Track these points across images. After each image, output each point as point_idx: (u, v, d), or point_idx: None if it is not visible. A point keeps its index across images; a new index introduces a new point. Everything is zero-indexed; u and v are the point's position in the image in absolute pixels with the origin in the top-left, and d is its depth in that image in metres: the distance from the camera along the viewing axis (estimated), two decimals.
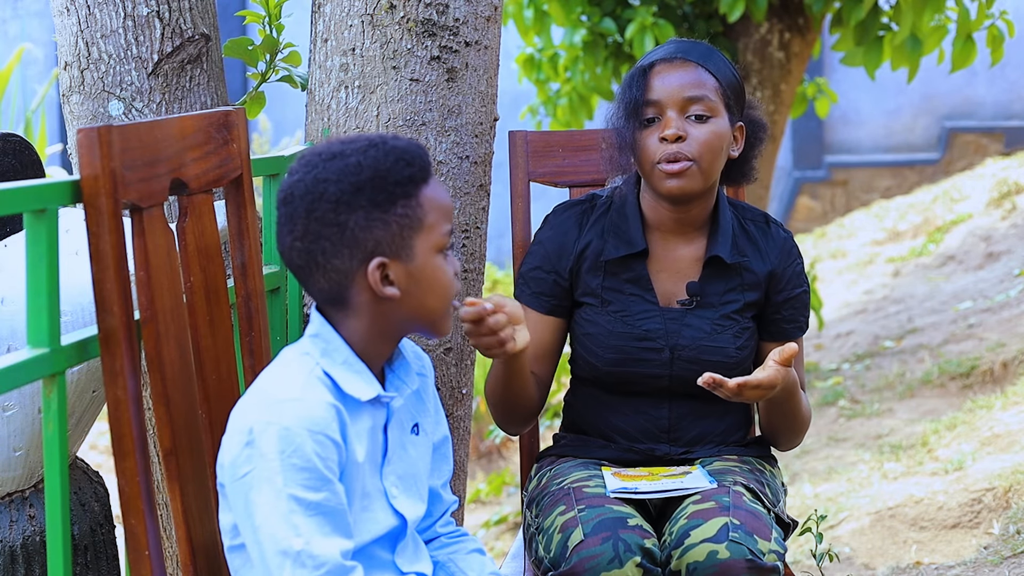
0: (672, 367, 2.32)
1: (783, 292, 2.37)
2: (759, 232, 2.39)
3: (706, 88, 2.27)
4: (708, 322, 2.33)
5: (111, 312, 1.71)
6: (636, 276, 2.35)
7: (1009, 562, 3.39)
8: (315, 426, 1.73)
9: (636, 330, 2.33)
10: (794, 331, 2.39)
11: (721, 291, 2.35)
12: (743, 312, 2.35)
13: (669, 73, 2.29)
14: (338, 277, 1.79)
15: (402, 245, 1.79)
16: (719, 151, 2.28)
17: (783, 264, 2.38)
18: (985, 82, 9.73)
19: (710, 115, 2.27)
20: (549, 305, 2.38)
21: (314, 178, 1.77)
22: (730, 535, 2.03)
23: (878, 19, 4.72)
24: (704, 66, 2.29)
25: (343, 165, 1.77)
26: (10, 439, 2.16)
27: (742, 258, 2.36)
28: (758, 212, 2.42)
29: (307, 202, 1.77)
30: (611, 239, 2.36)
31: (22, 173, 2.35)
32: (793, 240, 2.41)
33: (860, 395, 5.41)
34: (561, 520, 2.13)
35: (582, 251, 2.37)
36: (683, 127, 2.25)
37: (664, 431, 2.35)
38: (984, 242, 6.98)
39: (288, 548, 1.70)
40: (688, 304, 2.34)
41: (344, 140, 1.82)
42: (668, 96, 2.27)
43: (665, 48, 2.34)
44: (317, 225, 1.77)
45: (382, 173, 1.78)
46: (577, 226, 2.39)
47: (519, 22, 5.12)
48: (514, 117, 5.34)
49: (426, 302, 1.83)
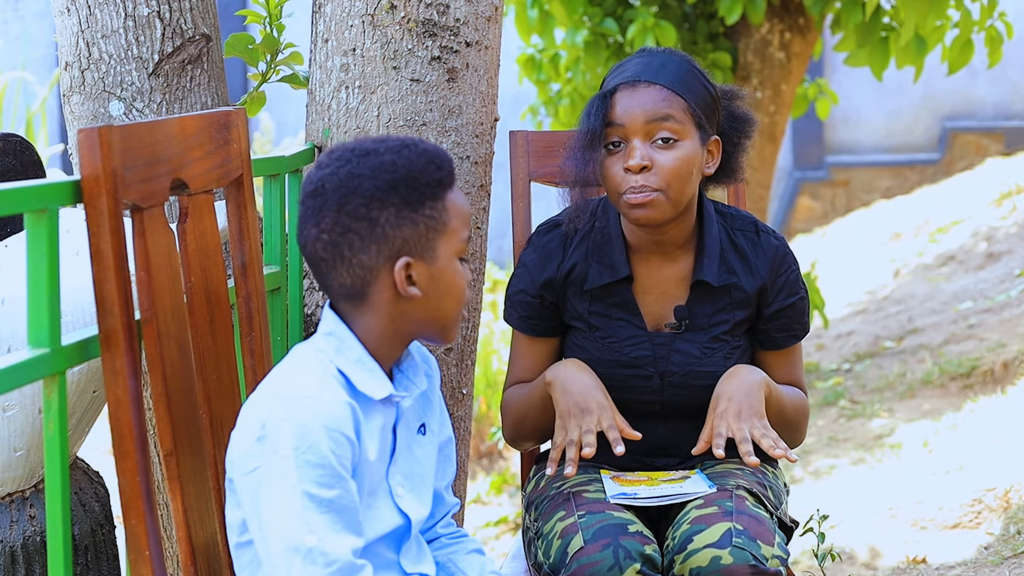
0: (663, 393, 2.29)
1: (774, 304, 2.32)
2: (749, 244, 2.32)
3: (672, 110, 2.18)
4: (697, 346, 2.29)
5: (111, 312, 1.71)
6: (622, 301, 2.31)
7: (1009, 562, 3.39)
8: (331, 423, 1.73)
9: (624, 357, 2.29)
10: (788, 340, 2.35)
11: (710, 312, 2.30)
12: (733, 332, 2.31)
13: (632, 98, 2.19)
14: (362, 272, 1.80)
15: (427, 246, 1.81)
16: (687, 176, 2.19)
17: (774, 276, 2.31)
18: (985, 82, 9.73)
19: (677, 138, 2.18)
20: (538, 328, 2.35)
21: (348, 172, 1.79)
22: (733, 540, 2.02)
23: (879, 20, 4.72)
24: (669, 87, 2.20)
25: (378, 162, 1.79)
26: (10, 439, 2.16)
27: (731, 277, 2.29)
28: (748, 221, 2.35)
29: (340, 195, 1.78)
30: (594, 264, 2.30)
31: (22, 173, 2.35)
32: (786, 247, 2.34)
33: (860, 395, 5.41)
34: (561, 526, 2.12)
35: (567, 274, 2.32)
36: (648, 155, 2.17)
37: (661, 448, 2.34)
38: (984, 242, 6.98)
39: (299, 544, 1.70)
40: (677, 328, 2.30)
41: (376, 139, 1.83)
42: (631, 122, 2.18)
43: (629, 68, 2.24)
44: (348, 219, 1.78)
45: (415, 173, 1.80)
46: (561, 248, 2.33)
47: (522, 22, 5.12)
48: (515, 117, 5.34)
49: (443, 305, 1.85)
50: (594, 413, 2.18)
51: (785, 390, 2.31)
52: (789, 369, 2.37)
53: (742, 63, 5.14)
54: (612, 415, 2.19)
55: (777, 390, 2.28)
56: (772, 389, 2.26)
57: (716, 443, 2.17)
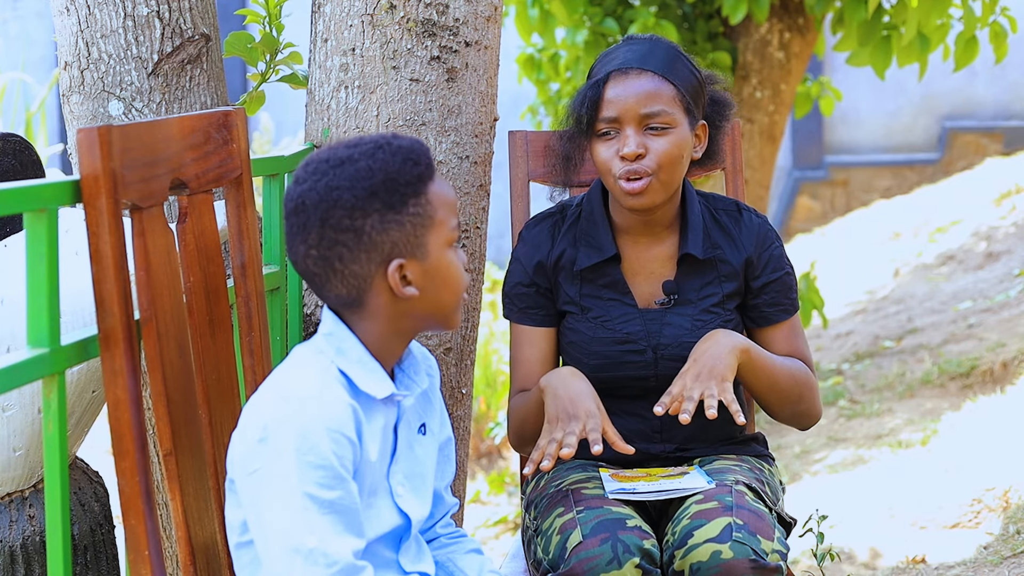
0: (657, 367, 2.32)
1: (761, 277, 2.36)
2: (731, 221, 2.37)
3: (662, 99, 2.23)
4: (688, 319, 2.33)
5: (111, 312, 1.71)
6: (612, 281, 2.35)
7: (1009, 562, 3.39)
8: (333, 424, 1.73)
9: (617, 334, 2.33)
10: (778, 314, 2.37)
11: (698, 286, 2.34)
12: (723, 304, 2.34)
13: (624, 86, 2.23)
14: (356, 282, 1.79)
15: (417, 244, 1.80)
16: (679, 160, 2.24)
17: (759, 249, 2.36)
18: (985, 82, 9.73)
19: (668, 125, 2.23)
20: (538, 317, 2.38)
21: (326, 185, 1.77)
22: (733, 535, 2.02)
23: (880, 19, 4.72)
24: (660, 74, 2.24)
25: (354, 171, 1.77)
26: (10, 439, 2.16)
27: (715, 251, 2.35)
28: (729, 201, 2.40)
29: (321, 210, 1.77)
30: (583, 247, 2.35)
31: (22, 173, 2.35)
32: (768, 225, 2.39)
33: (860, 395, 5.41)
34: (560, 522, 2.13)
35: (557, 260, 2.36)
36: (642, 142, 2.22)
37: (657, 431, 2.35)
38: (984, 242, 6.98)
39: (300, 546, 1.70)
40: (666, 303, 2.34)
41: (347, 144, 1.81)
42: (624, 111, 2.23)
43: (619, 56, 2.28)
44: (333, 232, 1.77)
45: (392, 174, 1.78)
46: (550, 238, 2.38)
47: (523, 21, 5.12)
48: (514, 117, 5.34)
49: (441, 297, 1.85)
50: (580, 420, 2.17)
51: (781, 359, 2.32)
52: (788, 343, 2.37)
53: (741, 63, 5.14)
54: (601, 423, 2.17)
55: (764, 356, 2.28)
56: (755, 355, 2.25)
57: (683, 408, 2.16)
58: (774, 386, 2.30)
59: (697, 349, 2.23)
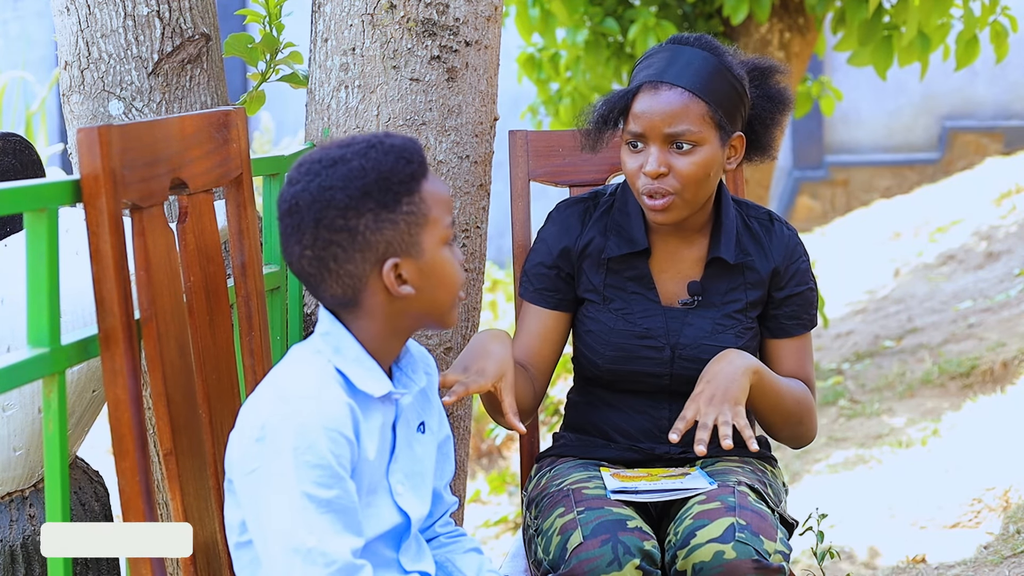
0: (673, 366, 2.32)
1: (785, 289, 2.36)
2: (763, 230, 2.38)
3: (689, 118, 2.20)
4: (710, 321, 2.32)
5: (111, 312, 1.71)
6: (639, 274, 2.35)
7: (1009, 562, 3.39)
8: (330, 423, 1.73)
9: (637, 328, 2.33)
10: (796, 328, 2.38)
11: (724, 290, 2.34)
12: (746, 311, 2.34)
13: (652, 101, 2.21)
14: (351, 281, 1.79)
15: (411, 242, 1.80)
16: (704, 180, 2.23)
17: (786, 261, 2.36)
18: (985, 82, 9.73)
19: (695, 144, 2.21)
20: (553, 300, 2.38)
21: (319, 186, 1.77)
22: (736, 535, 2.02)
23: (881, 19, 4.72)
24: (691, 90, 2.20)
25: (347, 170, 1.77)
26: (10, 439, 2.16)
27: (746, 257, 2.35)
28: (762, 210, 2.41)
29: (315, 211, 1.76)
30: (613, 237, 2.35)
31: (22, 173, 2.35)
32: (798, 238, 2.40)
33: (860, 395, 5.41)
34: (560, 522, 2.13)
35: (584, 247, 2.36)
36: (666, 160, 2.21)
37: (664, 431, 2.34)
38: (984, 242, 6.98)
39: (299, 545, 1.70)
40: (690, 303, 2.34)
41: (340, 144, 1.81)
42: (650, 128, 2.21)
43: (657, 61, 2.25)
44: (327, 233, 1.77)
45: (385, 174, 1.78)
46: (580, 223, 2.38)
47: (523, 21, 5.12)
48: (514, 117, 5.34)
49: (437, 296, 1.84)
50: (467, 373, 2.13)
51: (787, 381, 2.32)
52: (797, 361, 2.37)
53: None
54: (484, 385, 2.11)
55: (774, 379, 2.27)
56: (765, 377, 2.25)
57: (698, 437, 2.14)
58: (778, 407, 2.30)
59: (709, 370, 2.21)
